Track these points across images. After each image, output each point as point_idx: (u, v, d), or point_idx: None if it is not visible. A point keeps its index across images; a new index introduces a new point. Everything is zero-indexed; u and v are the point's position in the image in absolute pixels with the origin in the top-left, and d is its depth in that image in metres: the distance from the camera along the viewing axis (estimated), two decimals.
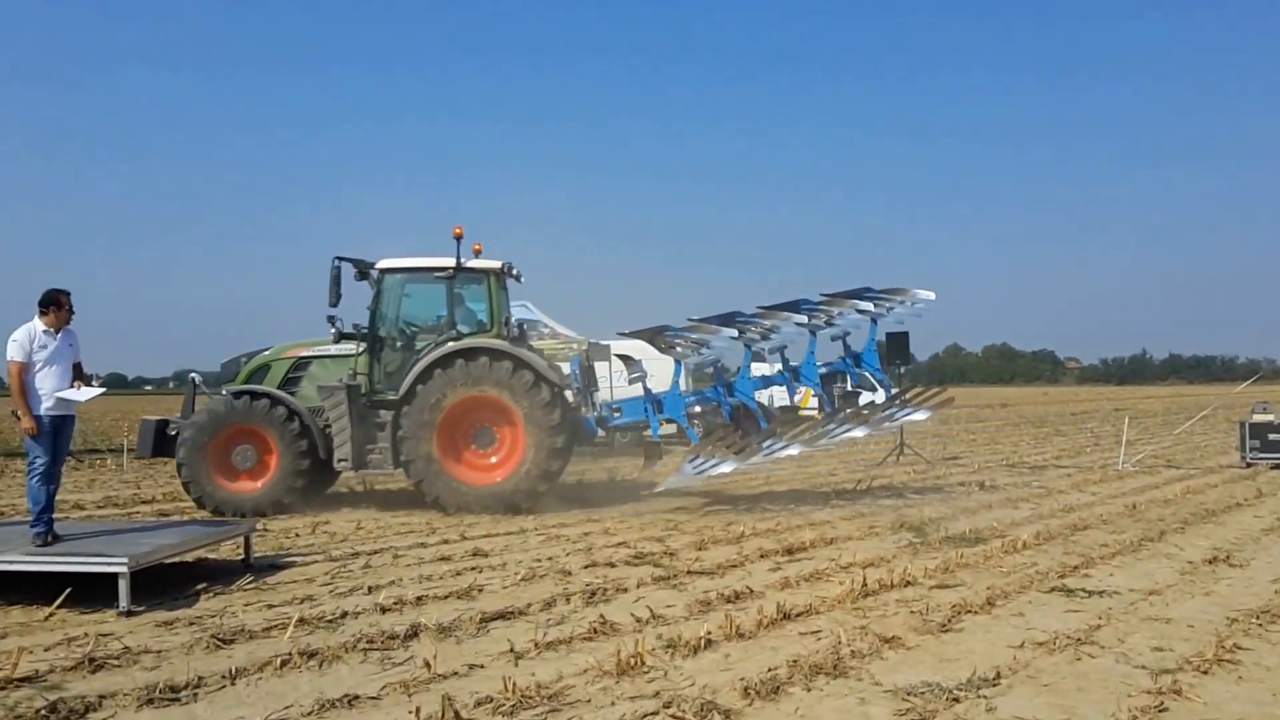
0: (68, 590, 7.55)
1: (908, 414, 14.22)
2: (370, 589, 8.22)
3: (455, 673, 5.91)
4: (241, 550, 9.59)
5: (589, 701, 5.45)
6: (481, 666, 6.06)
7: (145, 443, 14.05)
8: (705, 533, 11.09)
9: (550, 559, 9.61)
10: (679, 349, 13.45)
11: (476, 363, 12.86)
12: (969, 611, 7.36)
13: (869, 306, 13.75)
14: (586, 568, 9.15)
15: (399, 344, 13.71)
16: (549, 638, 6.63)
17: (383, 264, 13.60)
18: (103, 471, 20.56)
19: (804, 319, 13.42)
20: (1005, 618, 7.25)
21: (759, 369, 16.01)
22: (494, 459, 13.25)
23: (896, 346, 20.98)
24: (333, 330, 13.45)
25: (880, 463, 20.00)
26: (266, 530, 11.28)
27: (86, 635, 6.79)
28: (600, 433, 14.24)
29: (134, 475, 19.44)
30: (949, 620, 7.09)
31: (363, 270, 13.53)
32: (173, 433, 13.72)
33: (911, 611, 7.38)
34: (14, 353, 8.21)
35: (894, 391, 14.75)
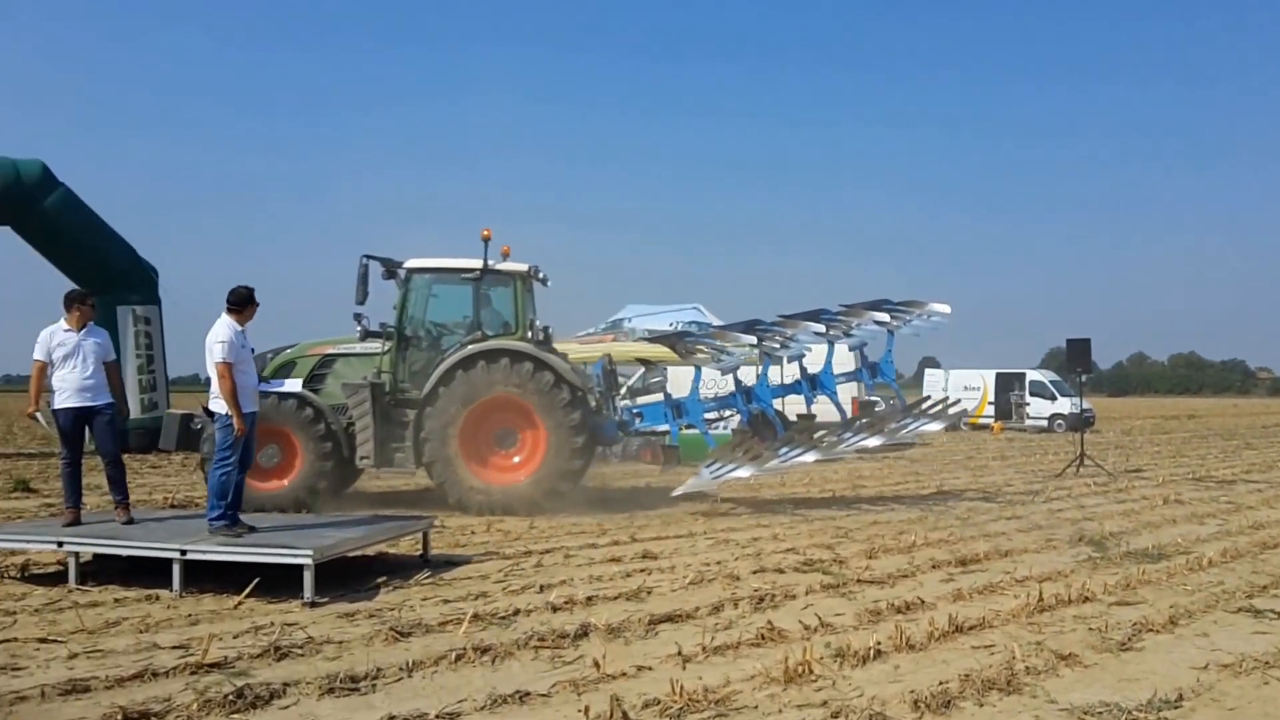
0: (256, 580, 7.91)
1: (923, 425, 14.29)
2: (542, 588, 8.34)
3: (623, 673, 5.93)
4: (420, 546, 9.87)
5: (756, 708, 5.39)
6: (649, 668, 6.06)
7: (169, 435, 14.36)
8: (876, 541, 10.86)
9: (719, 563, 9.57)
10: (699, 355, 13.82)
11: (498, 364, 12.90)
12: (1150, 630, 7.00)
13: (885, 318, 14.07)
14: (755, 573, 9.07)
15: (424, 343, 13.86)
16: (716, 642, 6.59)
17: (410, 263, 13.73)
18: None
19: (822, 328, 13.92)
20: (1188, 638, 6.88)
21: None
22: (516, 459, 13.32)
23: (1078, 353, 20.18)
24: (358, 328, 13.61)
25: (1059, 474, 19.23)
26: (444, 527, 11.57)
27: (273, 624, 7.09)
28: (621, 436, 14.49)
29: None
30: (1129, 639, 6.76)
31: (390, 269, 13.63)
32: (196, 426, 14.02)
33: (1090, 629, 7.06)
34: (223, 353, 8.61)
35: (909, 403, 14.91)
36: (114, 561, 8.81)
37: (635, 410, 14.64)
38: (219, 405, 8.69)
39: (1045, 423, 39.14)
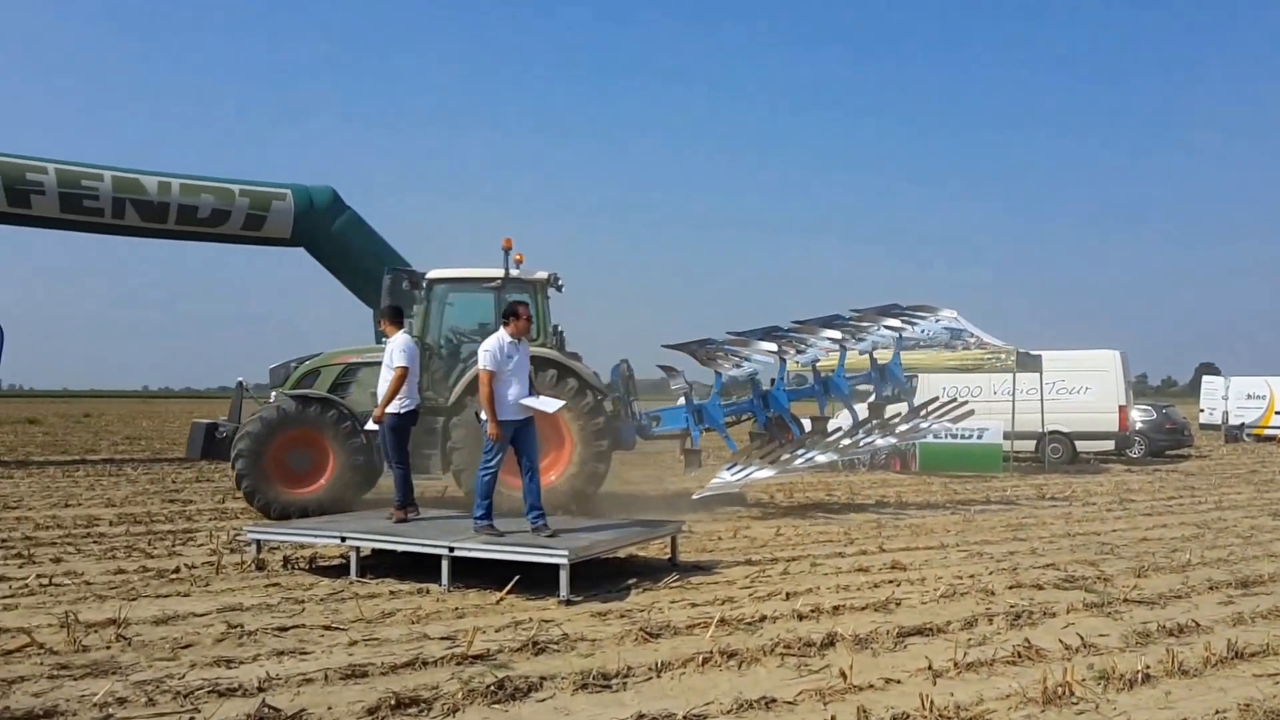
0: (516, 578, 8.29)
1: (929, 425, 14.85)
2: (788, 595, 8.35)
3: (871, 685, 5.87)
4: (668, 550, 10.08)
5: None
6: (898, 681, 5.97)
7: (195, 444, 14.75)
8: (1145, 559, 10.26)
9: (972, 577, 9.30)
10: (720, 362, 13.98)
11: (542, 376, 12.48)
12: None
13: (896, 323, 14.61)
14: (1011, 588, 8.76)
15: (446, 352, 13.88)
16: (969, 658, 6.41)
17: (432, 274, 13.81)
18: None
19: (837, 334, 14.33)
20: None
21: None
22: (542, 464, 13.08)
23: None
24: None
25: None
26: (691, 533, 11.74)
27: (531, 620, 7.41)
28: (637, 440, 14.38)
29: None
30: None
31: (413, 280, 13.75)
32: (221, 435, 14.34)
33: None
34: (485, 362, 9.11)
35: (916, 405, 15.25)
36: (389, 556, 9.45)
37: (653, 415, 14.67)
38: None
39: None
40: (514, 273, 13.68)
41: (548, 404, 9.47)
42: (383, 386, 10.03)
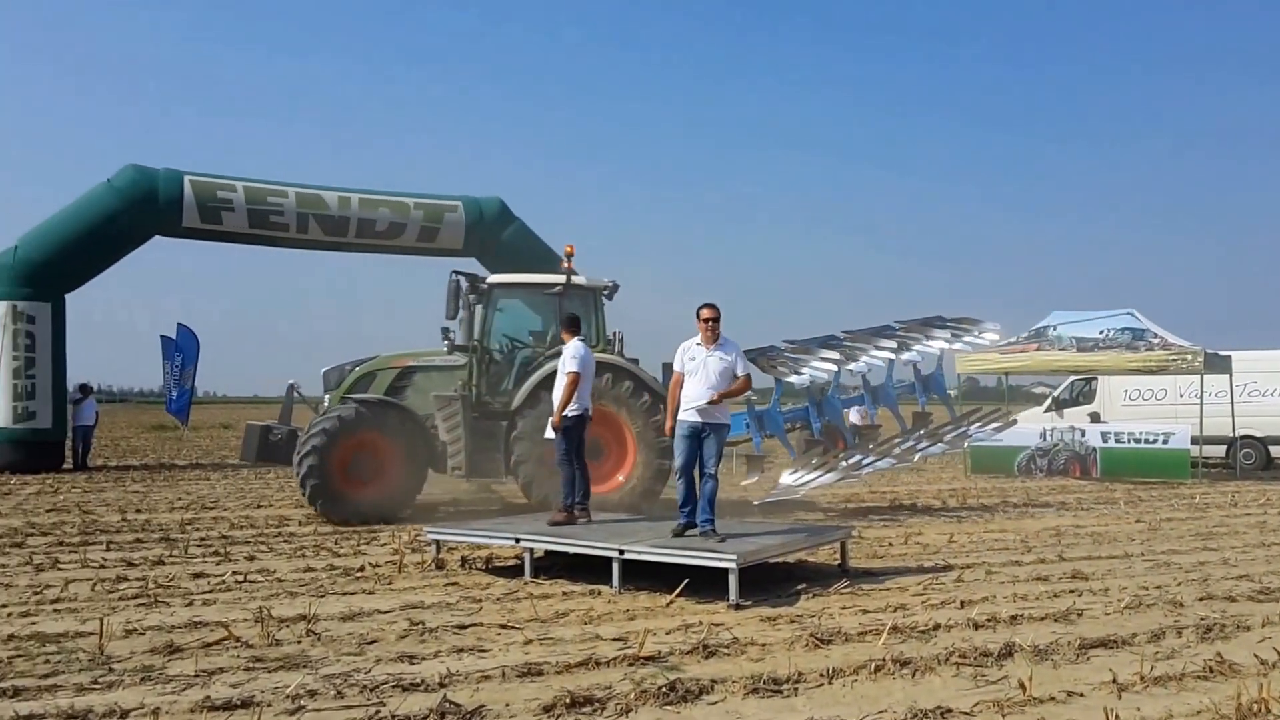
0: (685, 581, 8.36)
1: (976, 431, 15.63)
2: (963, 603, 8.17)
3: (1051, 698, 5.69)
4: (838, 555, 9.99)
5: None
6: (1080, 695, 5.77)
7: (250, 447, 14.75)
8: None
9: (1159, 588, 8.91)
10: (781, 369, 14.18)
11: (598, 380, 12.13)
12: None
13: (946, 335, 15.16)
14: (1201, 600, 8.35)
15: (506, 357, 13.84)
16: (1156, 672, 6.15)
17: (493, 279, 13.94)
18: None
19: (893, 345, 14.79)
20: None
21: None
22: (606, 467, 13.35)
23: None
24: (446, 342, 13.62)
25: None
26: (861, 538, 11.61)
27: (701, 623, 7.46)
28: None
29: None
30: None
31: (475, 285, 13.66)
32: (275, 438, 14.34)
33: None
34: (675, 364, 9.47)
35: (959, 414, 15.85)
36: (561, 557, 9.66)
37: None
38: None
39: None
40: (575, 280, 13.96)
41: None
42: (557, 392, 10.26)
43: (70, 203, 21.96)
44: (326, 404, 14.21)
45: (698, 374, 9.24)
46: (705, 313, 9.33)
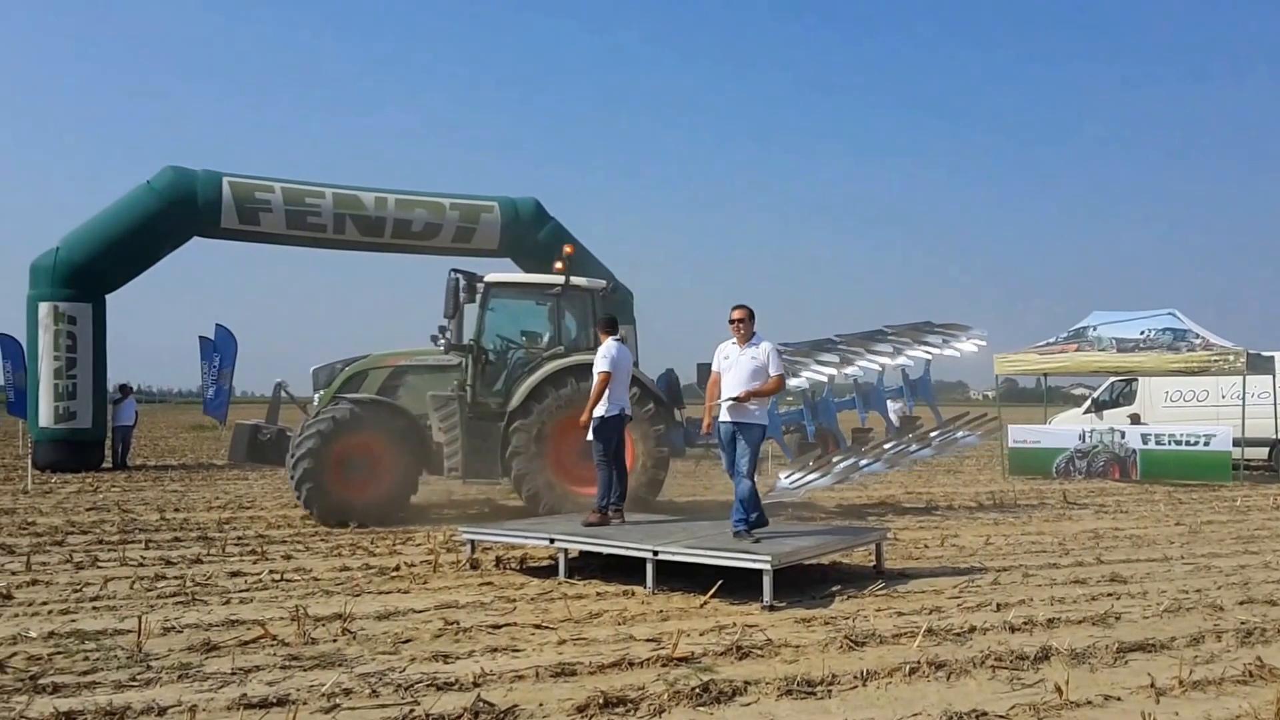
0: (719, 582, 8.34)
1: (963, 437, 15.33)
2: (999, 606, 8.10)
3: (1089, 702, 5.63)
4: (873, 557, 9.93)
5: None
6: (1118, 699, 5.71)
7: (239, 447, 14.58)
8: None
9: (1198, 591, 8.79)
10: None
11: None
12: None
13: (934, 339, 15.16)
14: (1241, 604, 8.24)
15: (502, 357, 13.71)
16: (1195, 676, 6.07)
17: (491, 278, 13.68)
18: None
19: (889, 349, 14.89)
20: None
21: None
22: None
23: None
24: (442, 341, 13.46)
25: None
26: (896, 540, 11.54)
27: (734, 624, 7.44)
28: (686, 448, 14.33)
29: None
30: None
31: (472, 284, 13.47)
32: (264, 438, 14.21)
33: None
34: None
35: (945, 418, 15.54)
36: (595, 558, 9.67)
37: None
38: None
39: None
40: (573, 281, 13.89)
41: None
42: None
43: (110, 204, 22.25)
44: (316, 403, 14.07)
45: (729, 373, 9.26)
46: (735, 314, 9.34)
